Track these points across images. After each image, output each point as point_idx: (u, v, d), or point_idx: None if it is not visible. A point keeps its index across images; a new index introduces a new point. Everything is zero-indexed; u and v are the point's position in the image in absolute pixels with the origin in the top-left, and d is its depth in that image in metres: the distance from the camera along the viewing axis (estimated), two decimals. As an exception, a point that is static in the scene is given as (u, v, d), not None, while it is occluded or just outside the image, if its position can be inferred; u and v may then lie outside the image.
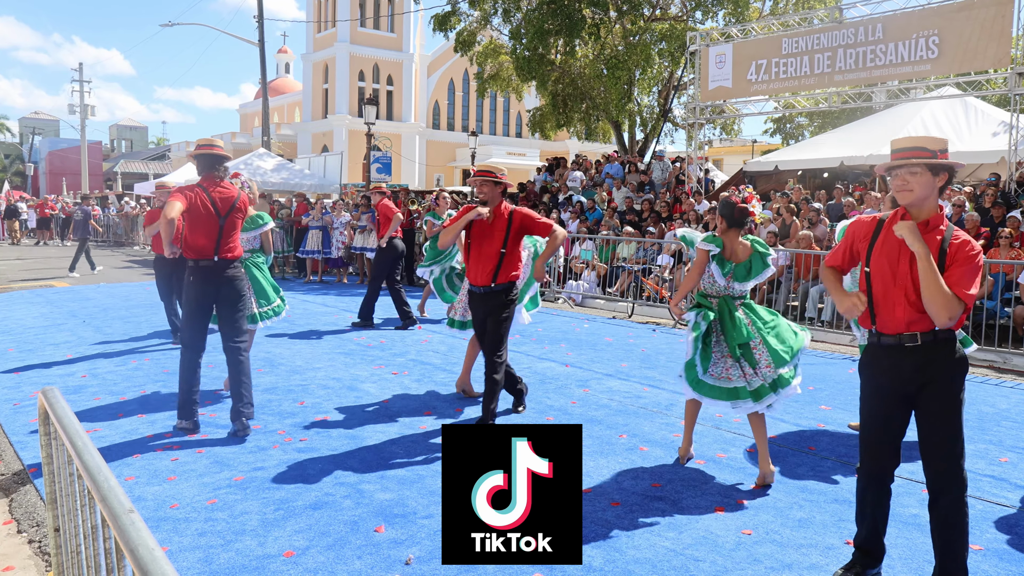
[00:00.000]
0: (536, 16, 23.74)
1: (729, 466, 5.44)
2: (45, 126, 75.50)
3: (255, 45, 31.19)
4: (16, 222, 32.37)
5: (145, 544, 1.73)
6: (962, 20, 13.47)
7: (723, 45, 17.68)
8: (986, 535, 4.34)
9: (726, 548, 4.13)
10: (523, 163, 51.54)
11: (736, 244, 5.17)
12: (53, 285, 16.35)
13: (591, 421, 6.48)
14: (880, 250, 3.58)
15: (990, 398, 7.68)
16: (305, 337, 10.22)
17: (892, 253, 3.53)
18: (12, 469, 5.27)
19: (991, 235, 11.36)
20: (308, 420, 6.40)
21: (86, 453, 2.26)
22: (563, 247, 15.47)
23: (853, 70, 15.17)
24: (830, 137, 20.28)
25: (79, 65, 51.39)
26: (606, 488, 4.95)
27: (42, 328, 10.65)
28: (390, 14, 53.71)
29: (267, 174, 24.79)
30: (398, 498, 4.74)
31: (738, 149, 48.95)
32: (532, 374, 8.23)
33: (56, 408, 2.66)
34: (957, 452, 3.47)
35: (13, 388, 7.33)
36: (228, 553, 3.98)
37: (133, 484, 4.87)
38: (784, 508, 4.69)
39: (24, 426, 6.10)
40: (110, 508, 1.94)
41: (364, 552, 4.02)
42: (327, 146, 50.75)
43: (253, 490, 4.83)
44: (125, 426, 6.14)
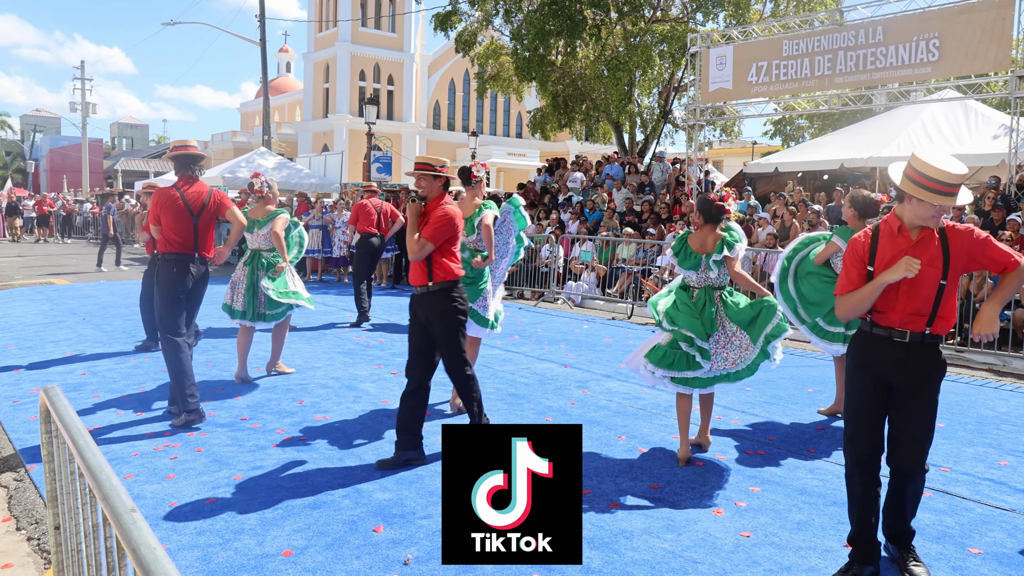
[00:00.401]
0: (537, 17, 23.76)
1: (728, 468, 5.44)
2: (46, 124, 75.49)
3: (256, 44, 31.19)
4: (17, 219, 32.39)
5: (147, 543, 1.73)
6: (962, 23, 13.48)
7: (724, 47, 17.68)
8: (985, 539, 4.34)
9: (725, 550, 4.13)
10: (523, 163, 51.59)
11: (706, 238, 5.61)
12: (53, 282, 16.35)
13: (590, 422, 6.48)
14: (885, 254, 3.69)
15: (990, 401, 7.68)
16: (304, 336, 10.22)
17: (897, 258, 3.63)
18: (11, 466, 5.27)
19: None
20: (307, 419, 6.40)
21: (88, 451, 2.26)
22: (563, 247, 15.49)
23: (853, 72, 15.17)
24: (830, 139, 20.31)
25: (81, 63, 51.50)
26: (605, 489, 4.96)
27: (42, 325, 10.65)
28: (391, 14, 53.74)
29: (268, 173, 24.73)
30: (397, 498, 4.74)
31: (738, 151, 48.93)
32: (531, 375, 8.24)
33: (57, 406, 2.66)
34: (927, 446, 3.77)
35: (12, 385, 7.33)
36: (227, 552, 3.98)
37: (132, 482, 4.87)
38: (783, 510, 4.69)
39: (23, 423, 6.10)
40: (112, 507, 1.94)
41: (363, 552, 4.02)
42: (327, 145, 50.78)
43: (252, 489, 4.83)
44: (124, 424, 6.14)
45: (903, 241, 3.67)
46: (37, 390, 7.08)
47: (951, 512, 4.71)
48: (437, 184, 5.52)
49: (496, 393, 7.38)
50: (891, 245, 3.69)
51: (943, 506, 4.81)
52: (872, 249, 3.73)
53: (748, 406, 7.18)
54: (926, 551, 4.14)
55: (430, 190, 5.51)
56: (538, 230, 16.80)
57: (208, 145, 63.07)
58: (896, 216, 3.70)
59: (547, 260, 15.47)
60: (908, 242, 3.65)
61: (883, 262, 3.68)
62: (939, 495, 5.00)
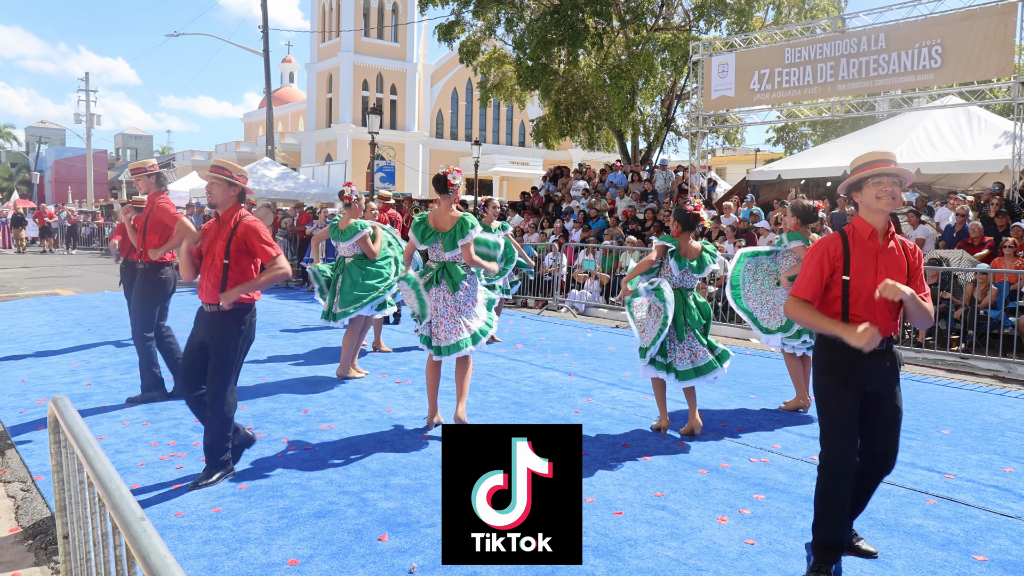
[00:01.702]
0: (539, 26, 23.84)
1: (732, 476, 5.45)
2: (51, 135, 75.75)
3: (260, 55, 31.29)
4: (22, 230, 32.48)
5: (157, 551, 1.75)
6: (965, 30, 13.51)
7: (726, 55, 17.73)
8: (990, 546, 4.34)
9: (729, 558, 4.13)
10: (526, 172, 51.67)
11: (688, 244, 6.30)
12: (58, 293, 16.40)
13: (594, 430, 6.48)
14: (860, 260, 3.82)
15: (994, 408, 7.68)
16: (309, 345, 10.24)
17: (871, 264, 3.82)
18: (18, 476, 5.29)
19: (995, 244, 11.36)
20: (312, 429, 6.41)
21: (97, 461, 2.29)
22: (566, 256, 15.51)
23: (856, 79, 15.21)
24: (833, 146, 20.33)
25: (85, 74, 51.65)
26: (609, 497, 4.96)
27: (48, 336, 10.68)
28: (394, 24, 53.94)
29: (271, 183, 24.87)
30: (402, 507, 4.75)
31: (741, 158, 48.98)
32: (535, 383, 8.25)
33: (67, 416, 2.69)
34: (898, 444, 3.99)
35: (19, 396, 7.36)
36: (232, 561, 4.00)
37: (137, 492, 4.89)
38: (787, 518, 4.69)
39: (30, 433, 6.13)
40: (121, 516, 1.96)
41: (368, 561, 4.03)
42: (331, 155, 50.90)
43: (257, 498, 4.84)
44: (130, 434, 6.16)
45: (872, 245, 3.83)
46: (43, 400, 7.12)
47: (956, 519, 4.71)
48: (232, 193, 5.12)
49: (500, 401, 7.40)
50: (862, 251, 3.83)
51: (948, 513, 4.81)
52: (846, 258, 3.82)
53: (751, 414, 7.18)
54: (931, 558, 4.15)
55: (222, 199, 5.10)
56: (541, 239, 16.82)
57: (212, 156, 63.23)
58: (866, 223, 3.86)
59: (550, 269, 15.50)
60: (877, 246, 3.83)
61: (857, 269, 3.81)
62: (944, 502, 4.99)
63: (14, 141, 73.11)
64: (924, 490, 5.22)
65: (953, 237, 12.38)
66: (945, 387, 8.60)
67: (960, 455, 6.03)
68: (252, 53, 32.14)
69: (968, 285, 10.49)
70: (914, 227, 12.75)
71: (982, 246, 11.56)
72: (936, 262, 11.00)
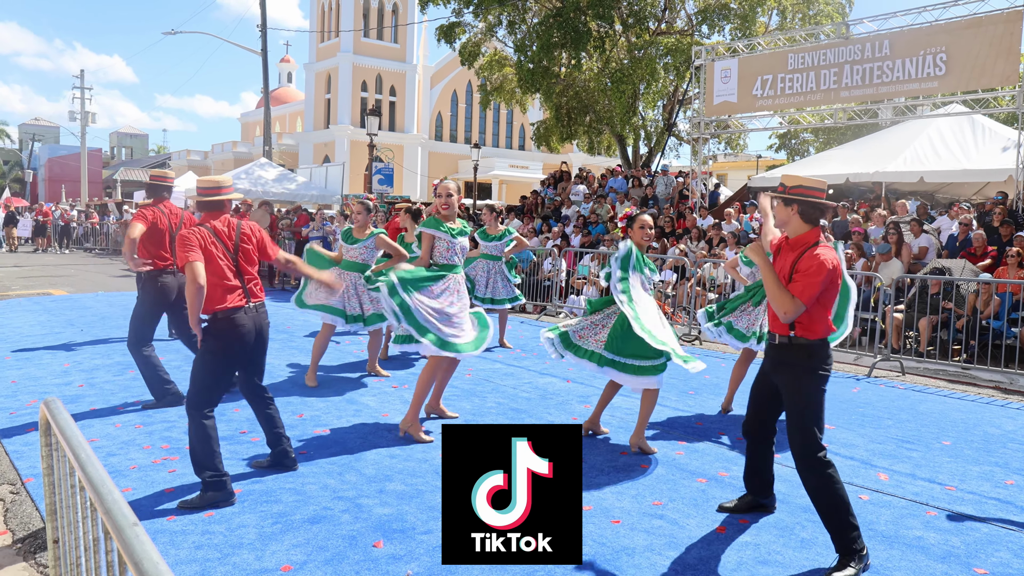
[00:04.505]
0: (541, 29, 23.82)
1: (732, 485, 5.39)
2: (45, 132, 75.74)
3: (258, 54, 31.25)
4: (14, 229, 32.32)
5: (150, 557, 1.72)
6: (970, 37, 13.48)
7: (729, 60, 17.70)
8: (991, 559, 4.29)
9: (728, 568, 4.08)
10: (526, 175, 51.70)
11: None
12: (51, 293, 16.32)
13: (592, 437, 6.43)
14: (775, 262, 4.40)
15: (996, 419, 7.62)
16: (304, 349, 10.18)
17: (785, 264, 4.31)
18: (8, 478, 5.23)
19: (998, 254, 11.31)
20: (307, 433, 6.35)
21: (89, 465, 2.24)
22: (565, 260, 15.45)
23: (859, 86, 15.18)
24: (836, 153, 20.30)
25: (80, 72, 51.43)
26: (607, 506, 4.91)
27: (39, 336, 10.61)
28: (394, 25, 53.94)
29: (268, 184, 24.80)
30: (397, 513, 4.69)
31: (743, 164, 49.08)
32: (533, 389, 8.19)
33: (58, 419, 2.63)
34: (797, 439, 4.18)
35: (9, 397, 7.28)
36: (225, 567, 3.94)
37: (130, 495, 4.83)
38: (787, 528, 4.64)
39: (20, 435, 6.06)
40: (114, 520, 1.92)
41: (362, 567, 3.97)
42: (328, 156, 50.87)
43: (251, 503, 4.78)
44: (122, 436, 6.09)
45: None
46: (34, 402, 7.05)
47: (957, 531, 4.66)
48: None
49: (498, 408, 7.34)
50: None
51: (949, 525, 4.76)
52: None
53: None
54: (931, 571, 4.10)
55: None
56: (541, 243, 16.77)
57: (208, 155, 63.27)
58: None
59: (549, 274, 15.43)
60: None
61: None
62: (945, 514, 4.95)
63: (7, 138, 72.90)
64: (925, 502, 5.17)
65: (956, 246, 12.34)
66: (947, 398, 8.54)
67: (961, 467, 5.98)
68: (250, 52, 32.09)
69: (970, 295, 10.44)
70: (916, 236, 12.70)
71: (985, 256, 11.51)
72: (938, 271, 10.94)
